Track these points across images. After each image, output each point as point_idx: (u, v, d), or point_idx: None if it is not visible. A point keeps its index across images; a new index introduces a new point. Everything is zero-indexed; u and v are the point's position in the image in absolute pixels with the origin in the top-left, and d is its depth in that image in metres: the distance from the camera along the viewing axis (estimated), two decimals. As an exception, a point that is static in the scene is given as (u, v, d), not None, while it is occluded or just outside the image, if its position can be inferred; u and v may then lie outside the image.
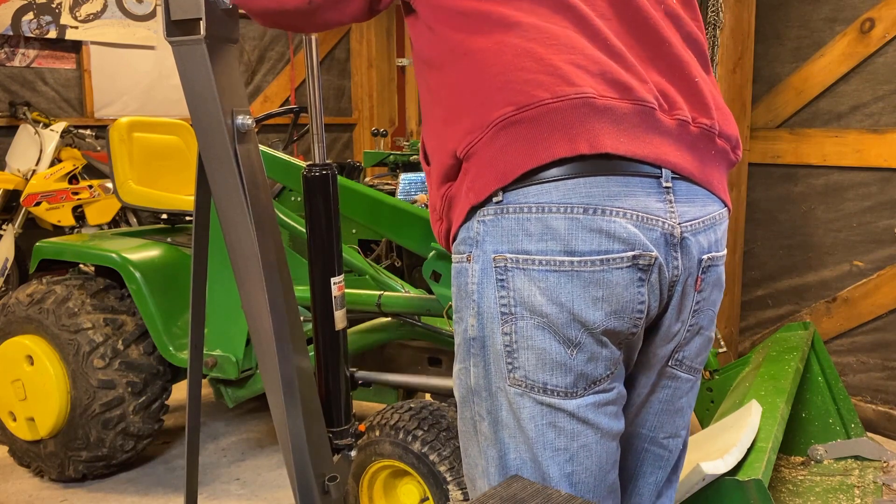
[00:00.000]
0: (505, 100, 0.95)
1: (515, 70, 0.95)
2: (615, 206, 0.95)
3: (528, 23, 0.97)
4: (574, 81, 0.94)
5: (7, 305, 2.76)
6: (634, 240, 0.96)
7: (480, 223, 0.99)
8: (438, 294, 2.05)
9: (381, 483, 2.24)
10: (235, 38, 1.38)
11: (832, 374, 2.57)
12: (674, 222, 0.99)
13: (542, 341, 0.97)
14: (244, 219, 1.44)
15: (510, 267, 0.97)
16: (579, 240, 0.94)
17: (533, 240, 0.95)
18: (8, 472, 2.82)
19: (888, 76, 3.12)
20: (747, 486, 1.49)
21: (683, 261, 1.01)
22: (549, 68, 0.95)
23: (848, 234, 3.31)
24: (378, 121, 5.91)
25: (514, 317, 0.97)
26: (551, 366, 0.97)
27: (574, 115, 0.94)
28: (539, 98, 0.94)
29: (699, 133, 1.04)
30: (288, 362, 1.50)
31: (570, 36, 0.98)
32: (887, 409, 3.21)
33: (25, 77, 4.76)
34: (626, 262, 0.96)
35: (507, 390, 1.00)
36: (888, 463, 2.42)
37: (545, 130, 0.94)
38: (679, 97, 1.03)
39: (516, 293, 0.97)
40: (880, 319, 3.23)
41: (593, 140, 0.94)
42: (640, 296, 0.98)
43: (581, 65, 0.96)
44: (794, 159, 3.43)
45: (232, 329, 2.54)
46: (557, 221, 0.95)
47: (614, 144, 0.95)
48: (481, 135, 0.96)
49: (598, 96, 0.95)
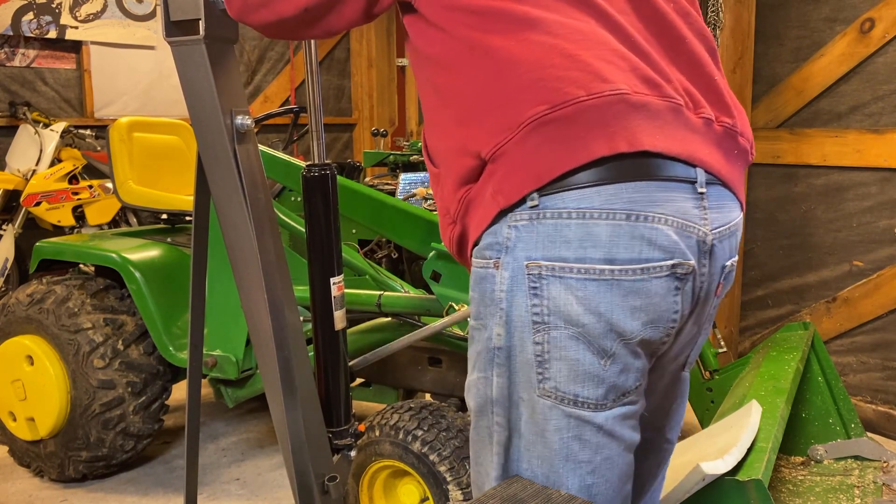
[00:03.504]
0: (537, 98, 0.92)
1: (546, 67, 0.92)
2: (657, 213, 0.92)
3: (551, 19, 0.95)
4: (607, 78, 0.92)
5: (7, 305, 2.76)
6: (675, 248, 0.94)
7: (512, 228, 0.95)
8: (438, 294, 2.05)
9: (381, 483, 2.24)
10: (235, 38, 1.38)
11: (832, 374, 2.57)
12: (707, 229, 0.98)
13: (576, 352, 0.94)
14: (244, 219, 1.44)
15: (545, 275, 0.93)
16: (621, 247, 0.91)
17: (572, 247, 0.91)
18: (8, 472, 2.82)
19: (888, 76, 3.12)
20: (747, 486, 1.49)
21: (711, 268, 1.00)
22: (581, 65, 0.92)
23: (848, 234, 3.31)
24: (378, 121, 5.91)
25: (547, 326, 0.94)
26: (583, 377, 0.95)
27: (611, 112, 0.91)
28: (574, 95, 0.91)
29: (723, 132, 1.03)
30: (288, 362, 1.50)
31: (595, 31, 0.96)
32: (887, 409, 3.21)
33: (25, 77, 4.76)
34: (665, 270, 0.94)
35: (535, 401, 0.96)
36: (888, 463, 2.42)
37: (582, 129, 0.91)
38: (700, 95, 1.02)
39: (551, 302, 0.93)
40: (880, 319, 3.23)
41: (631, 138, 0.92)
42: (676, 305, 0.97)
43: (611, 61, 0.94)
44: (795, 159, 3.43)
45: (232, 329, 2.54)
46: (599, 228, 0.91)
47: (652, 142, 0.93)
48: (511, 135, 0.93)
49: (632, 92, 0.92)
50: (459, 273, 1.98)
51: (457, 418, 2.17)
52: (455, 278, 2.00)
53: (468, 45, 0.97)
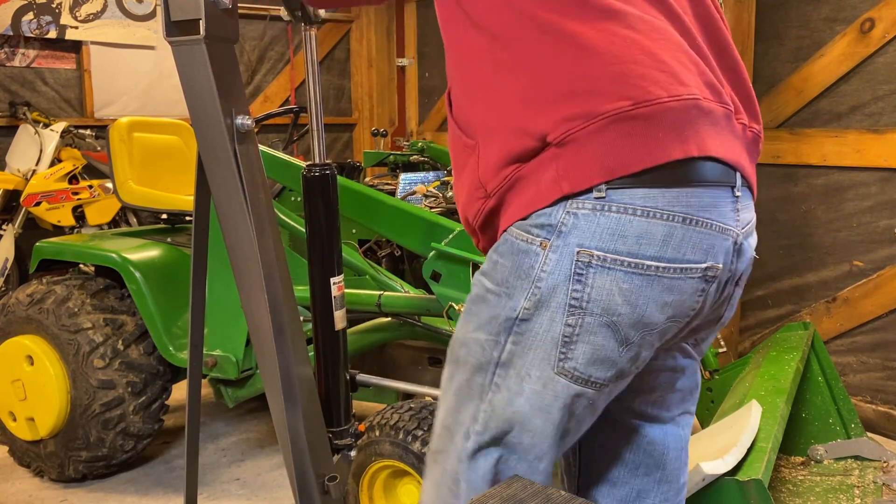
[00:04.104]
0: (619, 92, 0.93)
1: (629, 62, 0.94)
2: (707, 218, 0.98)
3: (630, 13, 0.97)
4: (685, 81, 0.96)
5: (7, 305, 2.76)
6: (712, 251, 0.99)
7: (570, 214, 0.97)
8: (438, 294, 2.05)
9: (381, 483, 2.24)
10: (235, 38, 1.38)
11: (832, 374, 2.57)
12: (739, 230, 1.03)
13: (604, 338, 0.99)
14: (244, 219, 1.44)
15: (595, 264, 0.96)
16: (670, 247, 0.96)
17: (628, 242, 0.95)
18: (8, 472, 2.82)
19: (888, 76, 3.12)
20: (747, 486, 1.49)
21: (738, 264, 1.06)
22: (662, 65, 0.95)
23: (848, 234, 3.31)
24: (378, 121, 5.91)
25: (583, 312, 0.98)
26: (601, 361, 1.00)
27: (686, 116, 0.95)
28: (656, 96, 0.93)
29: (752, 138, 1.09)
30: (288, 362, 1.50)
31: (670, 31, 0.99)
32: (887, 409, 3.21)
33: (25, 77, 4.76)
34: (699, 272, 0.99)
35: (549, 377, 1.01)
36: (888, 463, 2.42)
37: (661, 129, 0.94)
38: (739, 101, 1.07)
39: (594, 291, 0.97)
40: (880, 319, 3.23)
41: (701, 143, 0.96)
42: (697, 304, 1.02)
43: (685, 64, 0.97)
44: (794, 159, 3.43)
45: (232, 329, 2.54)
46: (657, 227, 0.95)
47: (717, 148, 0.98)
48: (586, 123, 0.94)
49: (702, 98, 0.97)
50: (459, 273, 1.98)
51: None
52: (455, 278, 2.00)
53: (540, 26, 0.97)
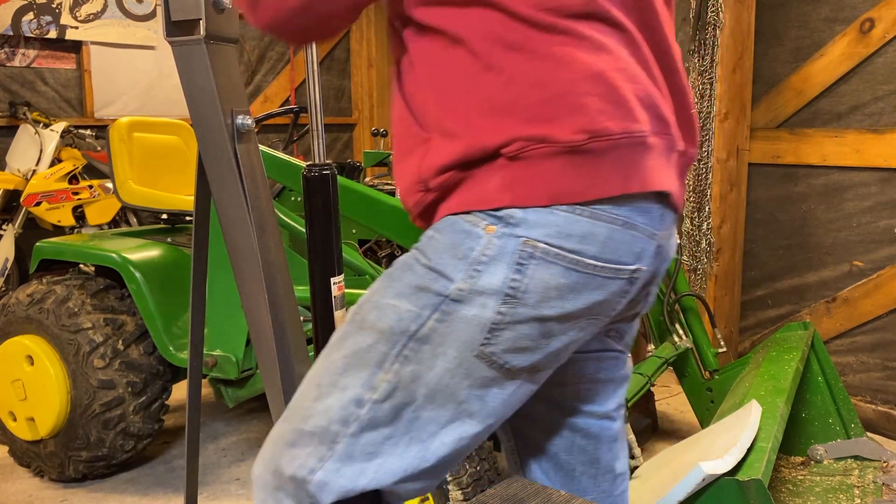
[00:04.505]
0: (577, 125, 0.95)
1: (587, 95, 0.96)
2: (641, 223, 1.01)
3: (595, 40, 0.98)
4: (637, 117, 0.98)
5: (7, 305, 2.76)
6: (641, 254, 1.02)
7: (518, 209, 0.98)
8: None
9: (381, 483, 2.24)
10: (235, 38, 1.38)
11: (832, 374, 2.57)
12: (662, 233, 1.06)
13: (530, 329, 1.00)
14: (244, 219, 1.44)
15: (538, 256, 0.97)
16: (609, 248, 0.99)
17: (573, 240, 0.97)
18: (8, 472, 2.82)
19: (888, 76, 3.12)
20: (747, 486, 1.49)
21: (660, 266, 1.09)
22: (619, 99, 0.97)
23: (848, 234, 3.31)
24: (378, 121, 5.91)
25: (517, 301, 0.98)
26: (521, 349, 1.01)
27: (634, 153, 0.98)
28: (609, 131, 0.96)
29: (685, 164, 1.12)
30: (288, 362, 1.50)
31: (629, 61, 1.00)
32: (887, 409, 3.21)
33: (25, 77, 4.76)
34: (627, 274, 1.01)
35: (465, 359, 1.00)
36: (888, 463, 2.42)
37: (607, 166, 0.97)
38: (679, 126, 1.09)
39: (532, 282, 0.97)
40: (880, 319, 3.23)
41: (643, 181, 0.99)
42: (620, 303, 1.04)
43: (640, 96, 0.99)
44: (794, 159, 3.43)
45: (232, 329, 2.54)
46: (601, 228, 0.98)
47: (656, 183, 1.01)
48: (541, 146, 0.96)
49: (650, 134, 1.00)
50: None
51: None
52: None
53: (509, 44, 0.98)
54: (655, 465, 1.85)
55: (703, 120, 3.47)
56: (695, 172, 3.53)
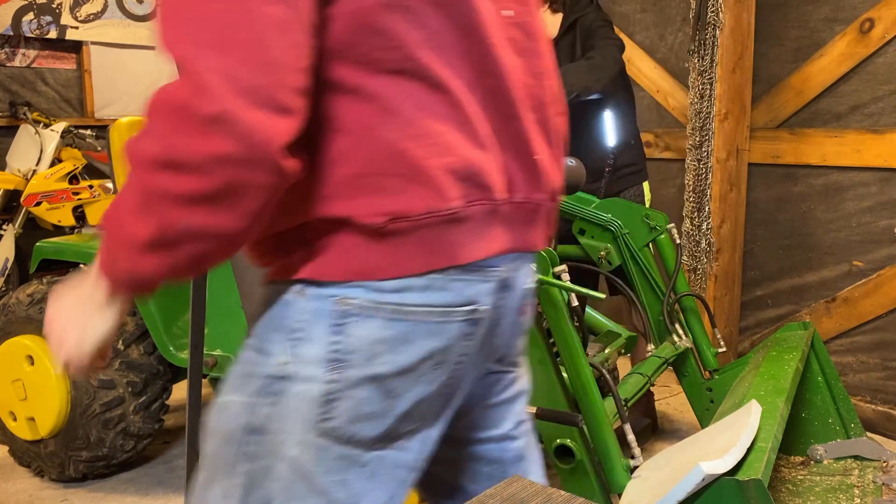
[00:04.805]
0: (376, 206, 0.88)
1: (387, 175, 0.89)
2: (463, 276, 0.95)
3: (404, 113, 0.90)
4: (446, 194, 0.91)
5: (7, 305, 2.76)
6: (474, 294, 0.96)
7: None
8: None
9: (381, 483, 2.24)
10: (235, 38, 1.38)
11: (832, 374, 2.57)
12: (505, 267, 1.01)
13: (368, 392, 0.92)
14: (244, 219, 1.44)
15: (354, 312, 0.90)
16: (431, 291, 0.92)
17: (388, 288, 0.91)
18: (8, 471, 2.82)
19: (888, 76, 3.12)
20: (747, 486, 1.49)
21: (509, 299, 1.03)
22: (424, 177, 0.90)
23: (848, 234, 3.31)
24: (378, 121, 5.91)
25: (344, 364, 0.90)
26: (367, 417, 0.92)
27: (441, 230, 0.91)
28: (410, 212, 0.89)
29: (531, 209, 1.05)
30: (288, 362, 1.50)
31: (443, 131, 0.92)
32: (887, 409, 3.21)
33: (26, 77, 4.77)
34: (462, 315, 0.95)
35: (308, 441, 0.92)
36: (888, 463, 2.42)
37: (409, 246, 0.91)
38: (519, 175, 1.01)
39: (355, 340, 0.90)
40: (880, 319, 3.23)
41: (453, 255, 0.93)
42: (467, 348, 0.98)
43: (452, 169, 0.91)
44: (794, 159, 3.43)
45: (232, 329, 2.54)
46: (417, 281, 0.92)
47: (472, 253, 0.94)
48: (338, 227, 0.90)
49: (462, 208, 0.92)
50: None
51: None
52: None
53: (319, 114, 0.89)
54: (655, 465, 1.85)
55: (703, 120, 3.48)
56: (695, 172, 3.53)
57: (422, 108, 0.91)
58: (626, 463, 1.89)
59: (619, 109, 3.05)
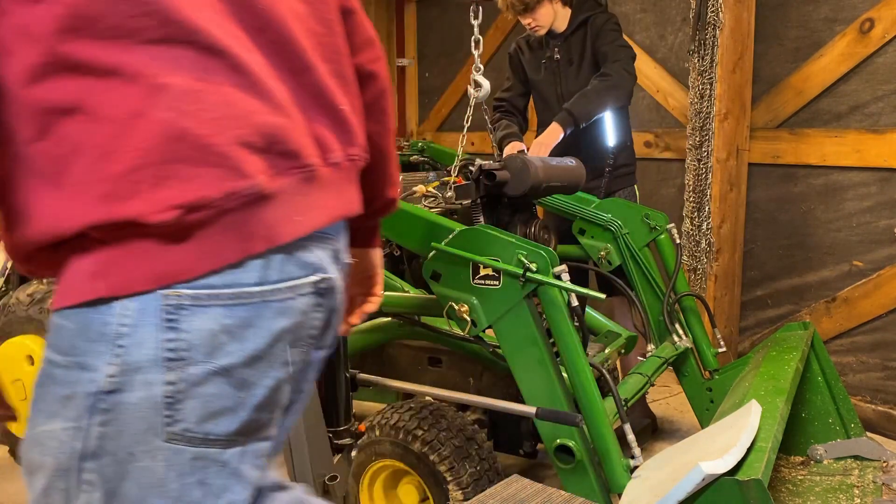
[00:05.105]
0: (163, 201, 0.78)
1: (169, 162, 0.78)
2: (298, 245, 0.90)
3: (176, 87, 0.79)
4: (245, 170, 0.81)
5: (7, 305, 2.76)
6: (318, 263, 0.91)
7: None
8: (438, 294, 2.05)
9: (381, 483, 2.24)
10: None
11: (832, 374, 2.57)
12: (336, 238, 0.97)
13: (216, 387, 0.84)
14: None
15: (186, 304, 0.81)
16: (273, 268, 0.86)
17: (223, 272, 0.83)
18: (8, 471, 2.82)
19: (888, 76, 3.12)
20: (747, 486, 1.49)
21: (342, 275, 0.99)
22: (215, 156, 0.80)
23: (848, 234, 3.31)
24: (378, 121, 5.91)
25: (183, 362, 0.82)
26: (219, 413, 0.85)
27: (248, 213, 0.83)
28: (207, 200, 0.79)
29: (349, 166, 0.98)
30: (288, 362, 1.50)
31: (229, 100, 0.82)
32: (887, 409, 3.21)
33: (25, 77, 4.76)
34: (309, 287, 0.90)
35: (157, 448, 0.83)
36: (888, 463, 2.42)
37: (215, 236, 0.82)
38: (328, 133, 0.94)
39: (191, 335, 0.82)
40: (880, 319, 3.23)
41: (271, 236, 0.85)
42: (319, 320, 0.93)
43: (247, 141, 0.82)
44: (794, 159, 3.43)
45: (232, 329, 2.54)
46: (251, 261, 0.85)
47: (290, 231, 0.87)
48: (123, 231, 0.79)
49: (267, 183, 0.83)
50: (459, 273, 1.99)
51: (457, 418, 2.17)
52: (455, 278, 2.00)
53: (54, 106, 0.78)
54: (655, 465, 1.85)
55: (703, 120, 3.48)
56: (695, 172, 3.53)
57: (198, 79, 0.80)
58: (626, 463, 1.89)
59: (618, 111, 3.07)
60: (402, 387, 2.18)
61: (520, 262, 1.88)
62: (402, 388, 2.19)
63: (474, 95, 2.65)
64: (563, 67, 3.11)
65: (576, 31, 3.07)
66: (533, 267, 1.86)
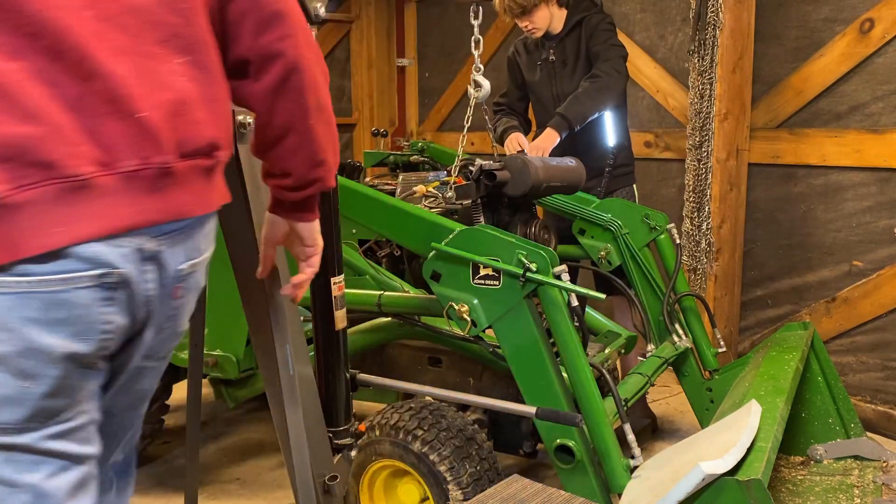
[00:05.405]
0: None
1: None
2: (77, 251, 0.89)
3: None
4: None
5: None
6: (102, 258, 0.90)
7: None
8: (438, 294, 2.05)
9: (382, 483, 2.24)
10: (235, 38, 1.38)
11: (832, 374, 2.57)
12: (142, 241, 0.94)
13: None
14: (244, 219, 1.44)
15: None
16: (44, 256, 0.86)
17: None
18: None
19: (888, 76, 3.12)
20: (747, 486, 1.49)
21: (160, 274, 0.98)
22: None
23: (847, 234, 3.31)
24: (378, 121, 5.91)
25: None
26: (2, 401, 0.88)
27: None
28: None
29: (154, 174, 0.94)
30: (288, 362, 1.50)
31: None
32: (887, 409, 3.21)
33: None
34: (90, 280, 0.89)
35: None
36: (888, 463, 2.42)
37: None
38: (120, 139, 0.91)
39: None
40: (880, 319, 3.23)
41: (12, 248, 0.85)
42: (107, 315, 0.93)
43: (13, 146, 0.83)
44: (794, 159, 3.43)
45: (232, 329, 2.54)
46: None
47: (45, 243, 0.86)
48: None
49: (11, 193, 0.83)
50: (459, 273, 1.99)
51: (457, 418, 2.17)
52: (455, 278, 2.00)
53: None
54: (655, 465, 1.85)
55: (703, 120, 3.48)
56: (695, 172, 3.53)
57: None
58: (626, 463, 1.89)
59: (617, 111, 3.08)
60: (402, 387, 2.18)
61: (520, 262, 1.88)
62: (402, 388, 2.19)
63: (474, 95, 2.65)
64: (559, 69, 3.11)
65: (570, 33, 3.07)
66: (533, 267, 1.86)
